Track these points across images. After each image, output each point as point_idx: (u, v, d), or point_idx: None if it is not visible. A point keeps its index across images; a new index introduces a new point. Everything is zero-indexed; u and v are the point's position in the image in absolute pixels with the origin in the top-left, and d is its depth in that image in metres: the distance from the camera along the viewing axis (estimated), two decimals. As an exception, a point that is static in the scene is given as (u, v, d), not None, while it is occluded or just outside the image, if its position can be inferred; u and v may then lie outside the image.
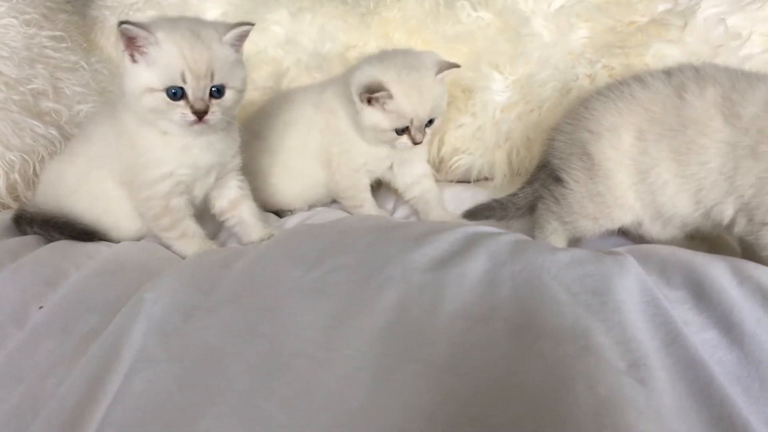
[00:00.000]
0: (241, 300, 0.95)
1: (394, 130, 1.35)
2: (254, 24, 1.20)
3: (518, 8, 1.61)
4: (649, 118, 1.07)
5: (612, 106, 1.11)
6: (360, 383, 0.76)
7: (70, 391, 0.83)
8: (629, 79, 1.13)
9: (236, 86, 1.17)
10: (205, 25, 1.15)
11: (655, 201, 1.09)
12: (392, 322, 0.85)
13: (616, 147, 1.10)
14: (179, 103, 1.12)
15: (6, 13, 1.58)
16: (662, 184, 1.07)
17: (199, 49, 1.10)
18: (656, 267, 0.96)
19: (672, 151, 1.05)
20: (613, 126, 1.10)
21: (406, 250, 1.01)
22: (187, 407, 0.76)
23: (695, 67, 1.09)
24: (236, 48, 1.18)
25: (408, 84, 1.32)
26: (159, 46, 1.09)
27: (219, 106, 1.14)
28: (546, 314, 0.83)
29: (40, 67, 1.60)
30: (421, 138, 1.36)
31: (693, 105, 1.04)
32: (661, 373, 0.77)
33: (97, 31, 1.98)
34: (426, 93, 1.33)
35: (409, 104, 1.32)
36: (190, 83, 1.10)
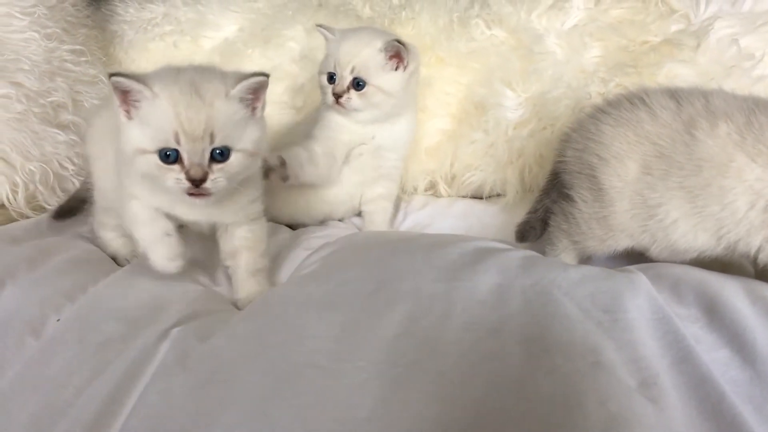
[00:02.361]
0: (253, 314, 0.96)
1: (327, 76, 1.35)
2: (269, 75, 1.01)
3: (531, 26, 1.62)
4: (656, 153, 1.05)
5: (620, 134, 1.09)
6: (370, 393, 0.76)
7: (89, 403, 0.84)
8: (638, 101, 1.10)
9: (245, 148, 0.99)
10: (210, 77, 0.98)
11: (667, 237, 1.06)
12: (402, 334, 0.85)
13: (621, 176, 1.08)
14: (173, 167, 0.95)
15: (28, 27, 1.60)
16: (672, 222, 1.04)
17: (196, 106, 0.94)
18: (668, 285, 0.96)
19: (682, 190, 1.02)
20: (619, 155, 1.08)
21: (416, 262, 1.02)
22: (200, 416, 0.77)
23: (704, 96, 1.05)
24: (249, 102, 1.00)
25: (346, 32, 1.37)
26: (153, 101, 0.94)
27: (223, 172, 0.97)
28: (557, 329, 0.83)
29: (60, 81, 1.62)
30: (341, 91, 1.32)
31: (705, 144, 1.00)
32: (672, 391, 0.77)
33: (116, 46, 2.01)
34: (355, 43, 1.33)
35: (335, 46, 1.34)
36: (185, 146, 0.94)
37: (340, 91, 1.32)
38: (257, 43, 1.87)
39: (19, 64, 1.55)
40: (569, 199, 1.16)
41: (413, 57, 1.35)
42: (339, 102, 1.32)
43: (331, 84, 1.34)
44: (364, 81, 1.31)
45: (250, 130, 1.00)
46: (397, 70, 1.34)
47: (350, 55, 1.31)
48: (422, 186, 1.69)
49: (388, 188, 1.49)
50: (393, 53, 1.31)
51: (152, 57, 1.98)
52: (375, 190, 1.48)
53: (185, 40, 1.98)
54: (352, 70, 1.31)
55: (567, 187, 1.17)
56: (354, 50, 1.31)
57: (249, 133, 0.99)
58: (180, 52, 1.97)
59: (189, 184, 0.95)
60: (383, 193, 1.49)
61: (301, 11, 1.87)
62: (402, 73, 1.34)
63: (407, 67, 1.34)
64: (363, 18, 1.82)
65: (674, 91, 1.09)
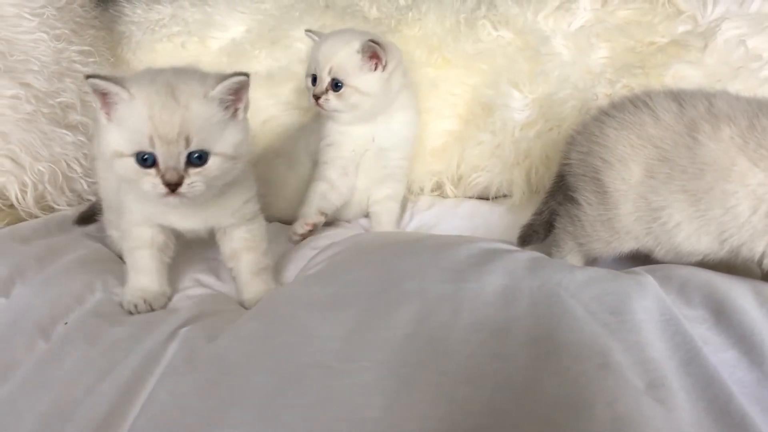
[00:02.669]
0: (261, 314, 0.97)
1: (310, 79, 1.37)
2: (249, 74, 0.97)
3: (538, 27, 1.62)
4: (659, 157, 1.05)
5: (624, 137, 1.08)
6: (377, 394, 0.76)
7: (99, 401, 0.84)
8: (641, 104, 1.09)
9: (225, 152, 0.96)
10: (188, 79, 0.96)
11: (670, 240, 1.06)
12: (409, 334, 0.86)
13: (625, 179, 1.08)
14: (150, 171, 0.93)
15: (37, 28, 1.61)
16: (675, 225, 1.04)
17: (171, 108, 0.91)
18: (675, 286, 0.96)
19: (685, 193, 1.02)
20: (623, 158, 1.08)
21: (422, 263, 1.02)
22: (208, 416, 0.77)
23: (708, 98, 1.05)
24: (229, 104, 0.97)
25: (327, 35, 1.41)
26: (129, 103, 0.93)
27: (201, 176, 0.94)
28: (564, 330, 0.83)
29: (68, 81, 1.63)
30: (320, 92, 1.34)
31: (708, 147, 1.00)
32: (679, 392, 0.77)
33: (124, 47, 2.01)
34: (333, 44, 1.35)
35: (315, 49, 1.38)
36: (159, 149, 0.92)
37: (319, 93, 1.33)
38: (264, 43, 1.88)
39: (29, 64, 1.56)
40: (574, 201, 1.16)
41: (392, 56, 1.35)
42: (318, 103, 1.34)
43: (313, 86, 1.36)
44: (341, 82, 1.32)
45: (229, 133, 0.97)
46: (376, 70, 1.34)
47: (328, 56, 1.32)
48: (429, 187, 1.69)
49: (394, 189, 1.50)
50: (370, 53, 1.32)
51: (160, 58, 1.98)
52: (382, 191, 1.49)
53: (193, 40, 1.98)
54: (330, 71, 1.32)
55: (572, 190, 1.17)
56: (331, 51, 1.33)
57: (228, 136, 0.97)
58: (187, 53, 1.97)
59: (165, 189, 0.93)
60: (390, 194, 1.49)
61: (308, 12, 1.87)
62: (381, 73, 1.34)
63: (386, 67, 1.34)
64: (370, 19, 1.82)
65: (677, 93, 1.09)
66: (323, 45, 1.34)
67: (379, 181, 1.48)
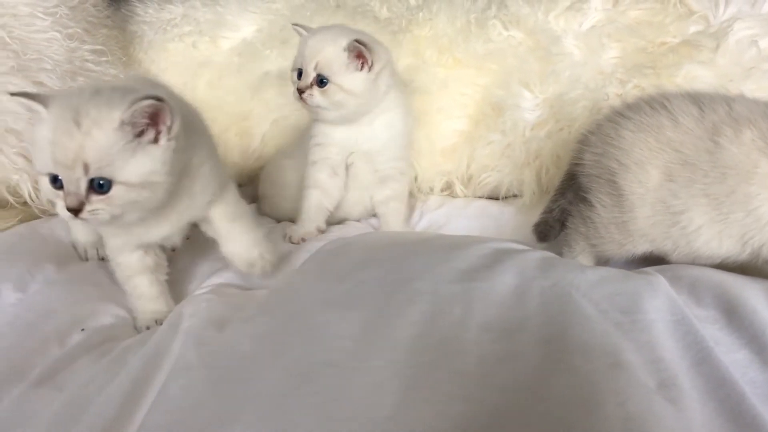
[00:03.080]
0: (272, 312, 0.97)
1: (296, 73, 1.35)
2: (164, 99, 0.89)
3: (549, 27, 1.62)
4: (680, 161, 1.04)
5: (641, 139, 1.08)
6: (389, 393, 0.77)
7: (110, 399, 0.85)
8: (659, 106, 1.09)
9: (129, 181, 0.89)
10: (99, 102, 0.88)
11: (689, 244, 1.06)
12: (421, 334, 0.86)
13: (643, 183, 1.07)
14: (59, 193, 0.89)
15: (50, 27, 1.62)
16: (695, 229, 1.04)
17: (69, 133, 0.85)
18: (686, 286, 0.96)
19: (707, 197, 1.02)
20: (640, 161, 1.07)
21: (434, 263, 1.03)
22: (220, 412, 0.77)
23: (727, 102, 1.05)
24: (143, 128, 0.89)
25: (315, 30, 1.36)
26: (40, 123, 0.88)
27: (104, 203, 0.89)
28: (575, 330, 0.83)
29: (81, 80, 1.63)
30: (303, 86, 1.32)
31: (730, 151, 1.00)
32: (691, 392, 0.77)
33: (136, 46, 2.02)
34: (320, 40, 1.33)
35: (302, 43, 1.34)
36: (61, 173, 0.87)
37: (303, 87, 1.31)
38: (275, 43, 1.88)
39: (42, 63, 1.57)
40: (587, 202, 1.16)
41: (378, 57, 1.32)
42: (302, 98, 1.32)
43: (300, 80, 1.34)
44: (326, 78, 1.30)
45: (138, 161, 0.89)
46: (362, 70, 1.32)
47: (315, 51, 1.30)
48: (438, 186, 1.69)
49: (394, 189, 1.48)
50: (356, 53, 1.30)
51: (171, 57, 1.99)
52: (382, 192, 1.47)
53: (204, 40, 1.99)
54: (316, 66, 1.30)
55: (584, 191, 1.17)
56: (318, 47, 1.30)
57: (135, 164, 0.89)
58: (199, 53, 1.98)
59: (67, 213, 0.89)
60: (391, 195, 1.48)
61: (319, 12, 1.87)
62: (366, 73, 1.32)
63: (372, 68, 1.32)
64: (381, 19, 1.82)
65: (696, 96, 1.08)
66: (311, 39, 1.32)
67: (378, 182, 1.46)
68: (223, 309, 1.00)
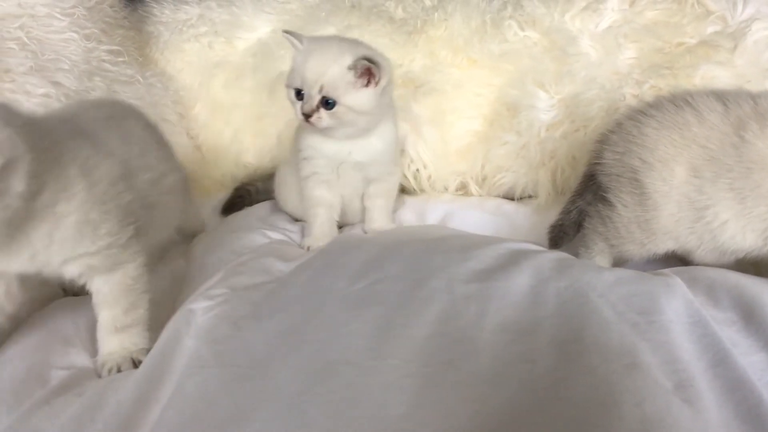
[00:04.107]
0: (287, 309, 0.97)
1: (294, 91, 1.27)
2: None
3: (565, 28, 1.62)
4: (706, 156, 1.04)
5: (665, 136, 1.08)
6: (404, 391, 0.77)
7: (125, 398, 0.86)
8: (682, 103, 1.09)
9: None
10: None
11: (714, 239, 1.06)
12: (437, 333, 0.86)
13: (667, 180, 1.07)
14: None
15: (68, 27, 1.64)
16: (721, 223, 1.04)
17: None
18: (703, 288, 0.96)
19: (732, 191, 1.02)
20: (665, 158, 1.07)
21: (450, 262, 1.03)
22: (236, 410, 0.78)
23: (753, 98, 1.05)
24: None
25: (311, 43, 1.27)
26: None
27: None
28: (592, 331, 0.83)
29: (98, 80, 1.65)
30: (309, 110, 1.23)
31: (755, 146, 1.00)
32: (708, 393, 0.77)
33: (152, 46, 2.03)
34: (322, 59, 1.23)
35: (301, 61, 1.24)
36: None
37: (309, 111, 1.23)
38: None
39: (59, 63, 1.58)
40: (606, 202, 1.15)
41: (385, 73, 1.26)
42: (309, 121, 1.25)
43: (300, 100, 1.26)
44: (333, 100, 1.23)
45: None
46: (368, 86, 1.25)
47: (317, 73, 1.22)
48: (453, 186, 1.69)
49: (382, 188, 1.44)
50: (363, 70, 1.23)
51: (187, 57, 2.00)
52: (369, 190, 1.44)
53: (219, 41, 2.00)
54: (321, 89, 1.22)
55: (604, 190, 1.16)
56: (321, 68, 1.22)
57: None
58: (214, 53, 1.99)
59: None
60: (378, 192, 1.44)
61: (334, 13, 1.87)
62: (373, 89, 1.25)
63: (378, 83, 1.25)
64: (396, 20, 1.83)
65: (720, 93, 1.08)
66: (310, 60, 1.24)
67: (366, 185, 1.43)
68: (237, 304, 1.00)
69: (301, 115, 1.25)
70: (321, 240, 1.36)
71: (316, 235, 1.39)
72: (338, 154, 1.35)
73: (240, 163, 1.87)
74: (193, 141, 1.95)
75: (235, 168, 1.88)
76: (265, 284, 1.08)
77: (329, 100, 1.23)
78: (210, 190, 1.83)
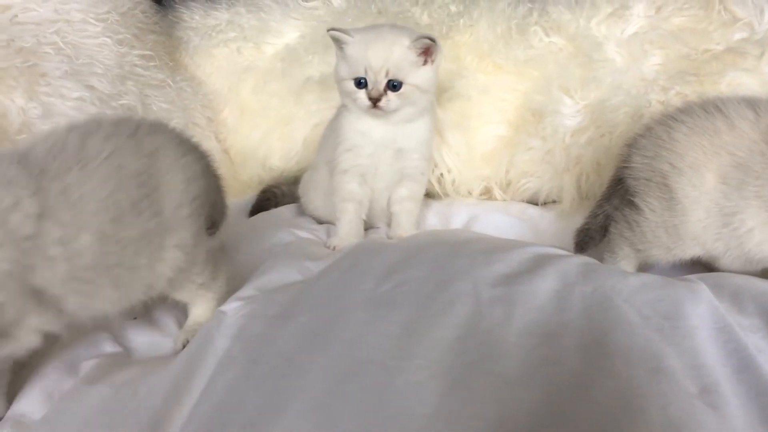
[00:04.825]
0: (315, 310, 0.99)
1: (354, 82, 1.32)
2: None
3: (591, 34, 1.63)
4: (734, 163, 1.04)
5: (696, 142, 1.07)
6: (431, 391, 0.78)
7: (157, 392, 0.89)
8: (713, 109, 1.09)
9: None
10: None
11: (740, 246, 1.06)
12: (462, 335, 0.87)
13: (696, 186, 1.07)
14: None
15: (101, 33, 1.68)
16: (747, 231, 1.04)
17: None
18: (729, 294, 0.96)
19: (759, 199, 1.02)
20: (695, 164, 1.07)
21: (475, 265, 1.04)
22: (266, 406, 0.80)
23: None
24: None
25: (364, 32, 1.33)
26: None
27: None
28: (617, 335, 0.84)
29: (130, 84, 1.69)
30: (378, 94, 1.30)
31: None
32: (732, 399, 0.77)
33: (182, 51, 2.07)
34: (383, 45, 1.30)
35: (360, 50, 1.30)
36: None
37: (378, 95, 1.30)
38: (317, 49, 1.91)
39: (93, 68, 1.62)
40: (634, 206, 1.15)
41: (439, 49, 1.34)
42: (377, 106, 1.31)
43: (361, 89, 1.32)
44: (399, 81, 1.30)
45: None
46: (426, 64, 1.33)
47: (383, 58, 1.29)
48: (477, 191, 1.70)
49: (411, 189, 1.47)
50: (423, 49, 1.31)
51: (216, 62, 2.04)
52: (400, 191, 1.46)
53: (248, 46, 2.03)
54: (387, 73, 1.29)
55: (632, 194, 1.16)
56: (384, 52, 1.29)
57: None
58: (243, 58, 2.02)
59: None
60: (408, 195, 1.47)
61: (360, 18, 1.89)
62: (431, 66, 1.34)
63: (435, 60, 1.33)
64: (421, 25, 1.84)
65: (752, 100, 1.08)
66: (371, 47, 1.30)
67: (397, 183, 1.46)
68: (266, 305, 1.02)
69: (368, 102, 1.30)
70: (346, 240, 1.38)
71: (342, 234, 1.41)
72: (385, 139, 1.40)
73: (267, 166, 1.90)
74: (221, 144, 1.99)
75: (262, 171, 1.90)
76: (294, 285, 1.10)
77: (395, 83, 1.30)
78: (237, 192, 1.86)
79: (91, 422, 0.88)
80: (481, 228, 1.51)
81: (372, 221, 1.53)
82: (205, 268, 1.08)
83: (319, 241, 1.44)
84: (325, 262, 1.19)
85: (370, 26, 1.44)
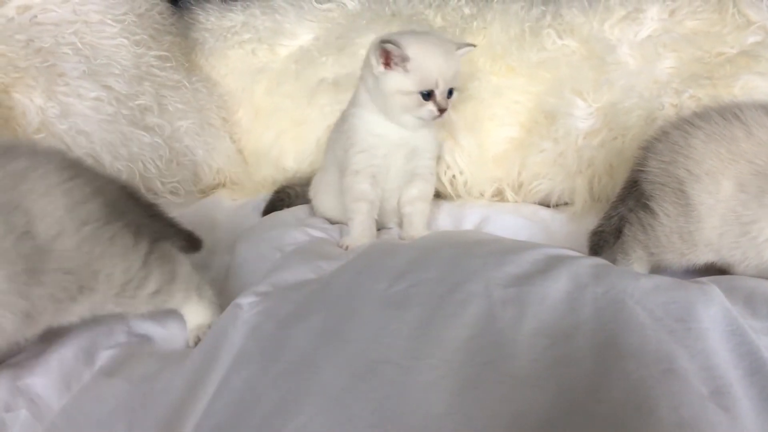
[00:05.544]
0: (329, 309, 1.00)
1: (420, 94, 1.32)
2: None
3: (604, 36, 1.63)
4: (752, 171, 1.04)
5: (713, 149, 1.07)
6: (444, 391, 0.79)
7: (173, 387, 0.91)
8: (731, 116, 1.08)
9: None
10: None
11: (759, 255, 1.06)
12: (474, 335, 0.88)
13: (713, 194, 1.07)
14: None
15: (119, 33, 1.70)
16: (766, 239, 1.04)
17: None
18: (741, 297, 0.96)
19: None
20: (712, 171, 1.07)
21: (487, 266, 1.04)
22: (282, 404, 0.81)
23: None
24: None
25: (427, 44, 1.34)
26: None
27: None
28: (629, 336, 0.84)
29: (147, 85, 1.71)
30: (446, 105, 1.33)
31: None
32: (744, 401, 0.77)
33: (198, 52, 2.09)
34: (448, 55, 1.33)
35: (432, 63, 1.31)
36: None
37: (446, 105, 1.34)
38: (331, 51, 1.92)
39: (110, 68, 1.64)
40: (649, 210, 1.15)
41: None
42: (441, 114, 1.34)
43: (428, 100, 1.33)
44: (453, 89, 1.35)
45: None
46: None
47: (453, 68, 1.34)
48: (489, 192, 1.70)
49: (422, 189, 1.49)
50: None
51: (231, 63, 2.05)
52: (410, 192, 1.48)
53: (263, 47, 2.04)
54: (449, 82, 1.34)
55: (647, 198, 1.16)
56: (453, 64, 1.34)
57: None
58: (257, 59, 2.03)
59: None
60: (418, 195, 1.48)
61: (374, 21, 1.90)
62: None
63: None
64: (435, 28, 1.85)
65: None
66: (443, 58, 1.32)
67: (407, 182, 1.48)
68: (281, 303, 1.04)
69: (437, 112, 1.34)
70: (359, 240, 1.39)
71: (355, 234, 1.42)
72: (401, 139, 1.42)
73: (280, 166, 1.91)
74: (235, 144, 2.01)
75: (276, 171, 1.91)
76: (308, 283, 1.11)
77: (451, 90, 1.35)
78: (251, 192, 1.87)
79: (110, 418, 0.90)
80: (492, 229, 1.51)
81: (383, 221, 1.54)
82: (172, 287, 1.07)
83: (332, 241, 1.45)
84: (338, 262, 1.20)
85: (413, 34, 1.43)
